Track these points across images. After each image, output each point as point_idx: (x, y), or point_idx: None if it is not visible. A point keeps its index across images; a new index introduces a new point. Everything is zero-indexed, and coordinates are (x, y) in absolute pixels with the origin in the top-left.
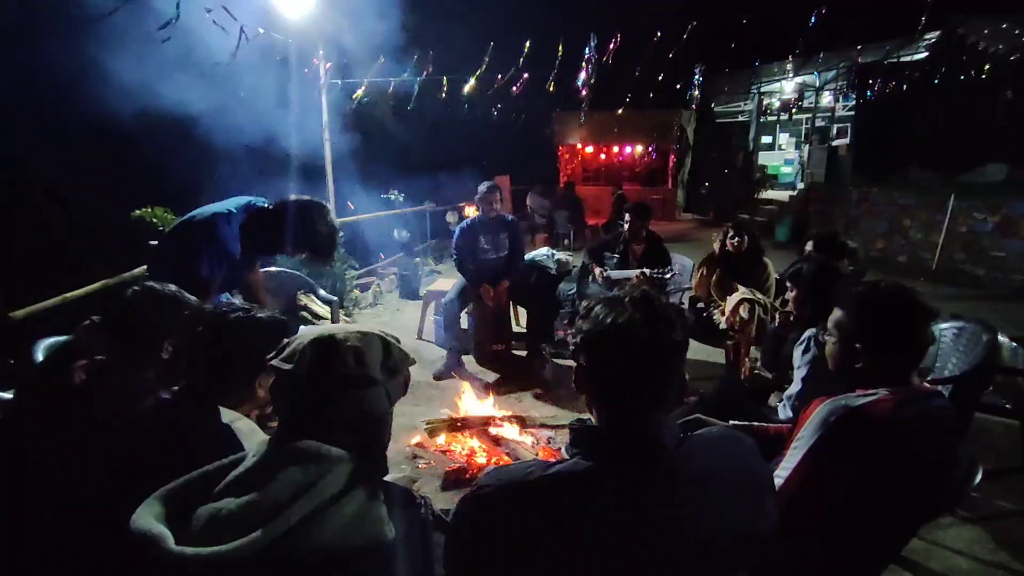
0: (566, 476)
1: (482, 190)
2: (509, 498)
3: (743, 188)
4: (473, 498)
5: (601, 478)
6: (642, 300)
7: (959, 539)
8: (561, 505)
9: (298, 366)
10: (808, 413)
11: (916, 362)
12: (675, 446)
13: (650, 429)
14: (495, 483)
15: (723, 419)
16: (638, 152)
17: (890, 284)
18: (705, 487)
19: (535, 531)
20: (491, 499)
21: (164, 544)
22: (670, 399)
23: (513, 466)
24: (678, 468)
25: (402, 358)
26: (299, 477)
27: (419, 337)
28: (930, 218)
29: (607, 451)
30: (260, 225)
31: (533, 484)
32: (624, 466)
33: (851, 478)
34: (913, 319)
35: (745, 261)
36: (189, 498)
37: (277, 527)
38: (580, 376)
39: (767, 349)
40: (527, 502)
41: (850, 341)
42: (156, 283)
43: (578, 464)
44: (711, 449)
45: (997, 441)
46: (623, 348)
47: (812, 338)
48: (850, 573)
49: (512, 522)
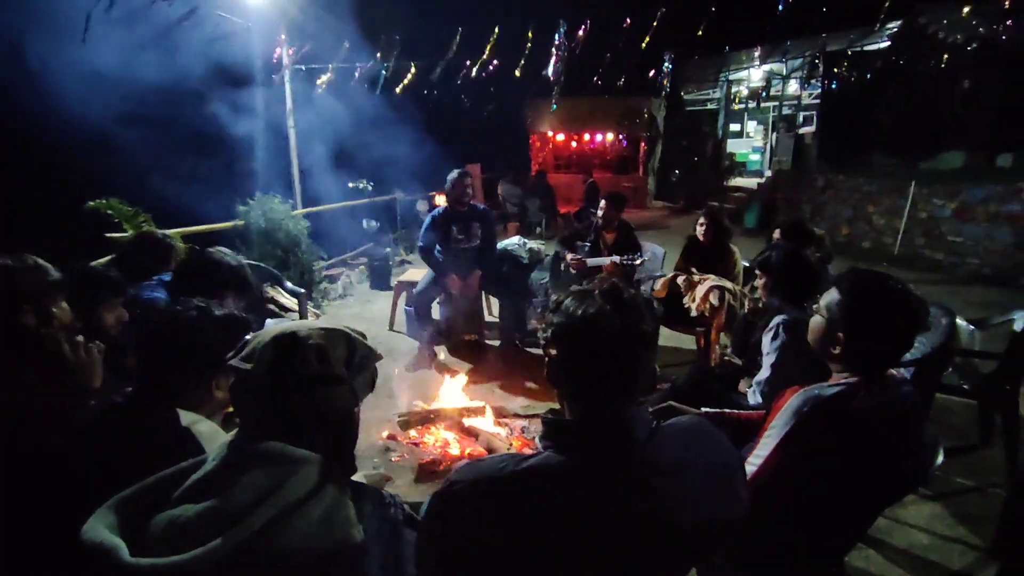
0: (538, 470)
1: (452, 177)
2: (481, 494)
3: (713, 176)
4: (445, 494)
5: (574, 472)
6: (611, 292)
7: (920, 516)
8: (534, 500)
9: (258, 365)
10: (781, 402)
11: (895, 360)
12: (647, 437)
13: (622, 421)
14: (467, 478)
15: (695, 406)
16: (609, 140)
17: (894, 281)
18: (678, 477)
19: (508, 527)
20: (463, 495)
21: (118, 556)
22: (641, 390)
23: (485, 460)
24: (650, 459)
25: (368, 354)
26: (262, 480)
27: (391, 328)
28: (892, 204)
29: (579, 444)
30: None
31: (505, 479)
32: (596, 459)
33: (823, 466)
34: (907, 323)
35: (713, 249)
36: (145, 506)
37: (239, 533)
38: (551, 369)
39: (737, 336)
40: (500, 497)
41: (835, 327)
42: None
43: (551, 458)
44: (683, 439)
45: (955, 420)
46: (593, 340)
47: (780, 324)
48: (819, 554)
49: (484, 518)
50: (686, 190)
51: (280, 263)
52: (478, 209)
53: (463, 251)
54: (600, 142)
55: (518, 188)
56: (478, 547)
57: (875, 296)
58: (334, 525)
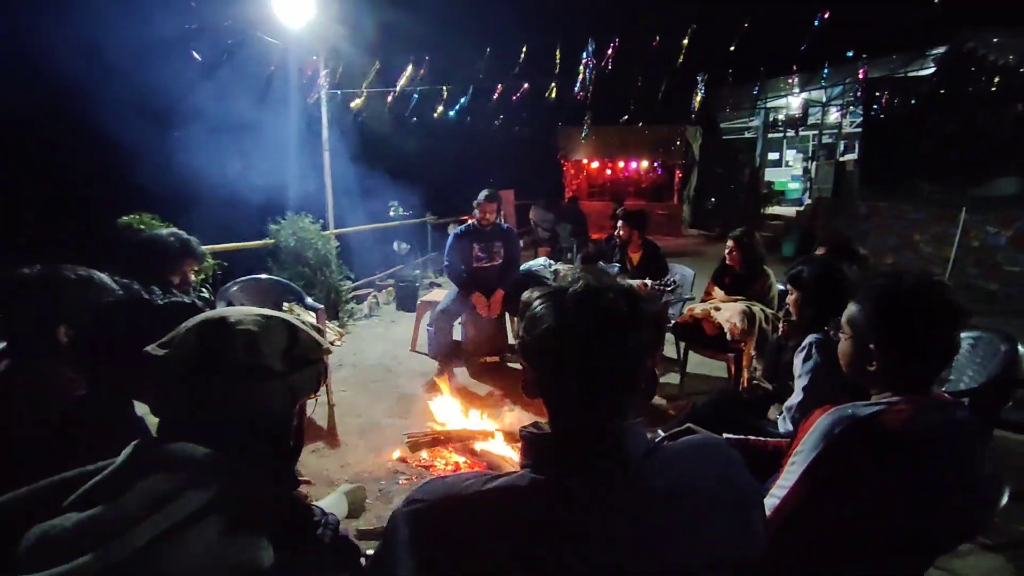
0: (506, 491)
1: (480, 198)
2: (440, 513)
3: (749, 203)
4: (404, 514)
5: (547, 493)
6: (586, 294)
7: (978, 569)
8: (498, 524)
9: (175, 351)
10: (808, 424)
11: (940, 368)
12: (642, 456)
13: (608, 437)
14: (427, 497)
15: (717, 432)
16: (643, 167)
17: (917, 275)
18: (677, 503)
19: (467, 552)
20: (420, 514)
21: None
22: (633, 402)
23: (450, 478)
24: (643, 481)
25: (312, 348)
26: (161, 487)
27: (413, 349)
28: (941, 232)
29: (557, 461)
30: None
31: (468, 499)
32: (576, 479)
33: (858, 499)
34: (943, 317)
35: (746, 272)
36: (27, 514)
37: (115, 551)
38: (527, 383)
39: (768, 359)
40: (460, 519)
41: (864, 340)
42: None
43: (523, 477)
44: (687, 460)
45: (1017, 461)
46: (569, 352)
47: (813, 343)
48: None
49: (442, 541)
50: (722, 218)
51: (308, 282)
52: (502, 228)
53: (485, 270)
54: (634, 169)
55: (550, 213)
56: (438, 570)
57: (898, 293)
58: (236, 545)
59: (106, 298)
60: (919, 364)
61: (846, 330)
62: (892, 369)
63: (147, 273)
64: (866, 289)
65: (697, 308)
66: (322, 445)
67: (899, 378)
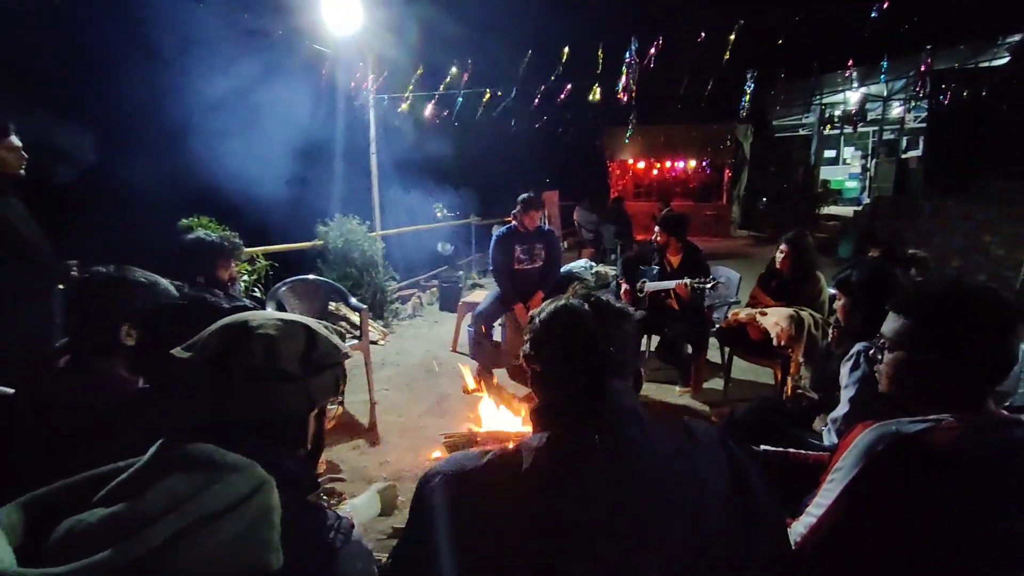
0: (518, 449)
1: (520, 202)
2: (459, 482)
3: (803, 203)
4: (431, 487)
5: (554, 443)
6: (583, 295)
7: None
8: (513, 478)
9: (197, 354)
10: (849, 439)
11: (994, 382)
12: (633, 415)
13: (603, 392)
14: (445, 470)
15: (755, 442)
16: (691, 167)
17: (967, 280)
18: (671, 464)
19: (496, 507)
20: (450, 482)
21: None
22: (623, 368)
23: (468, 452)
24: (641, 440)
25: (331, 352)
26: (181, 487)
27: (454, 349)
28: (1015, 233)
29: (559, 418)
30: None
31: (484, 465)
32: (580, 431)
33: (902, 522)
34: (994, 324)
35: (795, 276)
36: (61, 506)
37: (133, 547)
38: (534, 379)
39: (816, 367)
40: (486, 480)
41: (911, 352)
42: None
43: (532, 438)
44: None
45: None
46: (566, 325)
47: (862, 353)
48: None
49: (474, 500)
50: (773, 219)
51: (355, 282)
52: (543, 230)
53: (526, 272)
54: (682, 169)
55: (594, 214)
56: (458, 532)
57: (942, 299)
58: (249, 547)
59: (171, 302)
60: (969, 378)
61: (890, 342)
62: (939, 385)
63: (198, 270)
64: (905, 296)
65: (742, 312)
66: (362, 442)
67: (948, 394)
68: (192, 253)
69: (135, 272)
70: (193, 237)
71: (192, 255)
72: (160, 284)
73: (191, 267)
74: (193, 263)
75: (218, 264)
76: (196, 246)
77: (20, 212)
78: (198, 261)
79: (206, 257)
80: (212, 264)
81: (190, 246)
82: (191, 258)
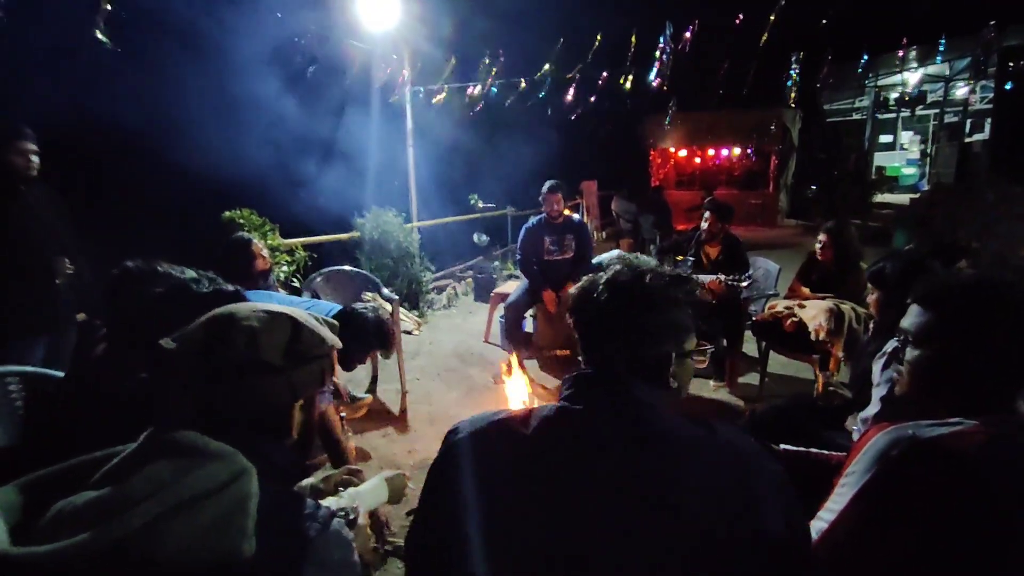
0: (538, 414)
1: (544, 190)
2: (479, 437)
3: (856, 191)
4: (455, 442)
5: (575, 417)
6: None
7: None
8: (529, 441)
9: (183, 345)
10: (862, 442)
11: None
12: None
13: (622, 385)
14: (466, 428)
15: (776, 441)
16: (736, 155)
17: (995, 274)
18: (694, 453)
19: (501, 470)
20: (471, 437)
21: None
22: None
23: (489, 411)
24: (667, 425)
25: (315, 344)
26: (163, 473)
27: (486, 340)
28: None
29: (590, 391)
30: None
31: (500, 423)
32: (604, 404)
33: (920, 535)
34: (1018, 320)
35: (837, 268)
36: (59, 488)
37: (112, 529)
38: (580, 343)
39: (856, 364)
40: (495, 439)
41: (935, 349)
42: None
43: (557, 406)
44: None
45: None
46: (601, 291)
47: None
48: None
49: (491, 456)
50: (823, 207)
51: (391, 273)
52: (573, 221)
53: (556, 263)
54: (726, 157)
55: (632, 204)
56: (472, 487)
57: (974, 290)
58: (223, 533)
59: (200, 290)
60: (999, 377)
61: (911, 338)
62: (966, 385)
63: (237, 267)
64: (930, 287)
65: (779, 305)
66: (392, 430)
67: (974, 395)
68: (229, 253)
69: (163, 265)
70: (230, 240)
71: (229, 255)
72: (187, 275)
73: (230, 266)
74: (231, 262)
75: (253, 257)
76: (229, 247)
77: (33, 208)
78: (235, 260)
79: (241, 255)
80: (248, 259)
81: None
82: (228, 257)
